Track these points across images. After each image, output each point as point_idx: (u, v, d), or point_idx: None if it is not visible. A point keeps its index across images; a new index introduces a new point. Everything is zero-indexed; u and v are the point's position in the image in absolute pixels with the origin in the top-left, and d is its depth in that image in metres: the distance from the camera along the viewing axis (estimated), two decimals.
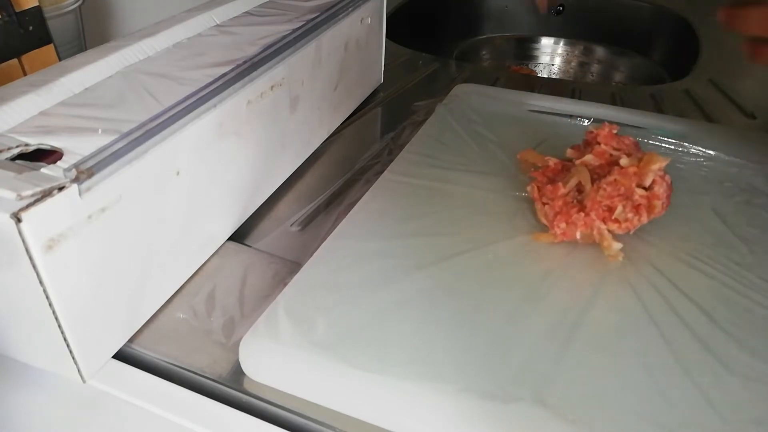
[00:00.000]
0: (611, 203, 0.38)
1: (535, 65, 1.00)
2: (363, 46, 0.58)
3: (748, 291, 0.36)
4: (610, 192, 0.38)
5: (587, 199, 0.39)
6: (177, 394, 0.31)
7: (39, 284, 0.27)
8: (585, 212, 0.38)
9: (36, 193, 0.26)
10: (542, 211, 0.41)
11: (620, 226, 0.38)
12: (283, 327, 0.32)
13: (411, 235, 0.40)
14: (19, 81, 0.35)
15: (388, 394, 0.29)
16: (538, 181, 0.43)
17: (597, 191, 0.38)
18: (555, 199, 0.40)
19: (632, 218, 0.38)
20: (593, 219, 0.38)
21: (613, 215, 0.38)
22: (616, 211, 0.38)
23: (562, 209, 0.39)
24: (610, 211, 0.38)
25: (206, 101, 0.35)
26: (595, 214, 0.38)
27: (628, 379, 0.30)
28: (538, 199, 0.41)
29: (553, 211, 0.40)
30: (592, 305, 0.35)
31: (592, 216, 0.38)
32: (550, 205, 0.40)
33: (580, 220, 0.39)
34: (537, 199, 0.42)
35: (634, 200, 0.38)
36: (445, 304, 0.34)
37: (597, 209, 0.38)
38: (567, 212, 0.39)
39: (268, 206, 0.46)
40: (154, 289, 0.35)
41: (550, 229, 0.40)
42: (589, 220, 0.38)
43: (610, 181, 0.38)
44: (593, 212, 0.38)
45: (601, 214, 0.38)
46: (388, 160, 0.49)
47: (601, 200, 0.38)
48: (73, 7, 0.64)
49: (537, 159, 0.46)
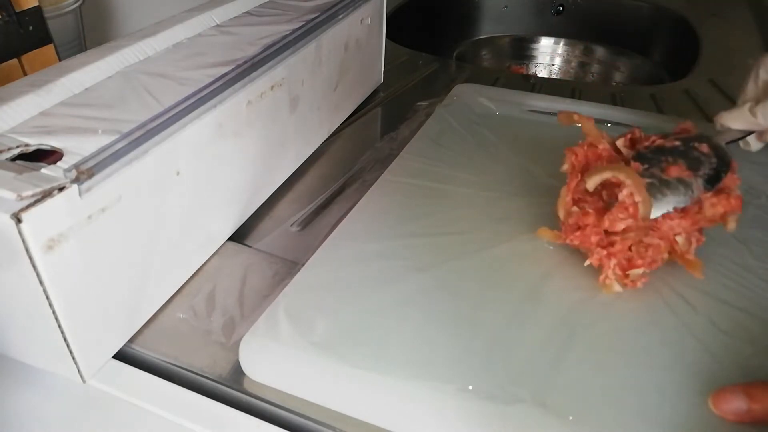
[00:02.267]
0: (636, 262, 0.35)
1: (535, 65, 1.00)
2: (363, 46, 0.58)
3: (748, 292, 0.36)
4: (641, 252, 0.35)
5: (619, 240, 0.35)
6: (177, 394, 0.31)
7: (39, 284, 0.27)
8: (608, 252, 0.35)
9: (36, 193, 0.26)
10: (564, 202, 0.38)
11: (626, 281, 0.35)
12: (283, 327, 0.32)
13: (411, 235, 0.40)
14: (19, 81, 0.35)
15: (388, 394, 0.29)
16: (576, 159, 0.38)
17: (632, 240, 0.35)
18: (585, 215, 0.36)
19: (638, 282, 0.35)
20: (610, 265, 0.35)
21: (628, 271, 0.35)
22: (633, 271, 0.35)
23: (586, 230, 0.36)
24: (629, 263, 0.35)
25: (206, 101, 0.35)
26: (617, 262, 0.35)
27: (628, 379, 0.30)
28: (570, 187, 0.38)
29: (576, 223, 0.37)
30: (593, 305, 0.35)
31: (611, 262, 0.35)
32: (577, 216, 0.37)
33: (598, 255, 0.35)
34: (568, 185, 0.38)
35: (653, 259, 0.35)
36: (445, 304, 0.34)
37: (620, 257, 0.35)
38: (587, 237, 0.36)
39: (268, 206, 0.46)
40: (154, 289, 0.35)
41: (562, 228, 0.38)
42: (606, 262, 0.35)
43: (651, 242, 0.35)
44: (614, 258, 0.35)
45: (622, 263, 0.35)
46: (388, 160, 0.49)
47: (630, 250, 0.35)
48: (73, 7, 0.64)
49: (591, 131, 0.39)
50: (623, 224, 0.35)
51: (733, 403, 0.28)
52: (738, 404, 0.28)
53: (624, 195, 0.35)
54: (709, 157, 0.37)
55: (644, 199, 0.35)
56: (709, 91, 0.66)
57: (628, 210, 0.35)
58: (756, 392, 0.28)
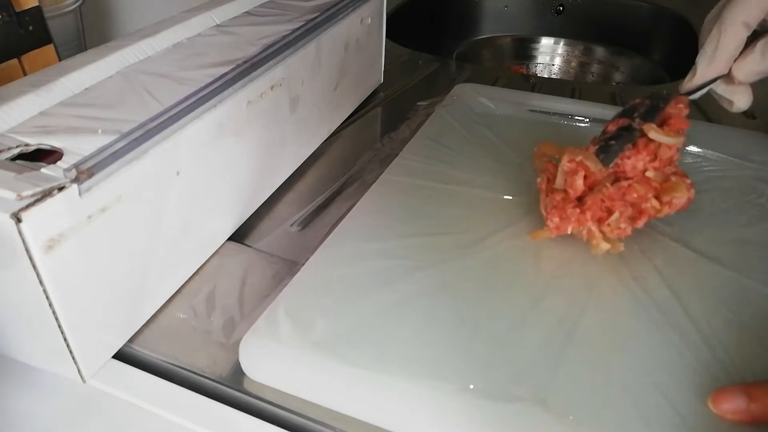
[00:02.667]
0: (611, 206, 0.37)
1: (535, 65, 1.00)
2: (363, 46, 0.58)
3: (748, 292, 0.36)
4: (612, 194, 0.37)
5: (588, 197, 0.38)
6: (177, 394, 0.31)
7: (39, 284, 0.27)
8: (581, 209, 0.38)
9: (36, 193, 0.26)
10: (543, 202, 0.40)
11: (611, 232, 0.37)
12: (283, 327, 0.32)
13: (411, 235, 0.40)
14: (19, 81, 0.35)
15: (388, 394, 0.29)
16: (549, 173, 0.41)
17: (600, 191, 0.37)
18: (554, 193, 0.39)
19: (625, 228, 0.37)
20: (587, 219, 0.37)
21: (607, 220, 0.37)
22: (611, 217, 0.37)
23: (559, 204, 0.38)
24: (608, 213, 0.37)
25: (206, 101, 0.35)
26: (591, 214, 0.37)
27: (628, 379, 0.30)
28: (544, 190, 0.40)
29: (551, 204, 0.39)
30: (593, 305, 0.35)
31: (587, 216, 0.37)
32: (549, 198, 0.39)
33: (573, 216, 0.37)
34: (543, 191, 0.41)
35: (642, 208, 0.37)
36: (445, 303, 0.34)
37: (594, 209, 0.37)
38: (563, 207, 0.38)
39: (268, 206, 0.46)
40: (154, 289, 0.35)
41: (545, 221, 0.39)
42: (582, 218, 0.37)
43: (622, 185, 0.37)
44: (589, 212, 0.37)
45: (597, 214, 0.37)
46: (388, 160, 0.49)
47: (603, 201, 0.37)
48: (73, 7, 0.64)
49: (555, 151, 0.43)
50: (580, 180, 0.38)
51: (733, 403, 0.28)
52: (737, 403, 0.28)
53: (564, 161, 0.38)
54: (643, 103, 0.40)
55: (585, 155, 0.38)
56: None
57: (576, 172, 0.38)
58: (756, 392, 0.28)
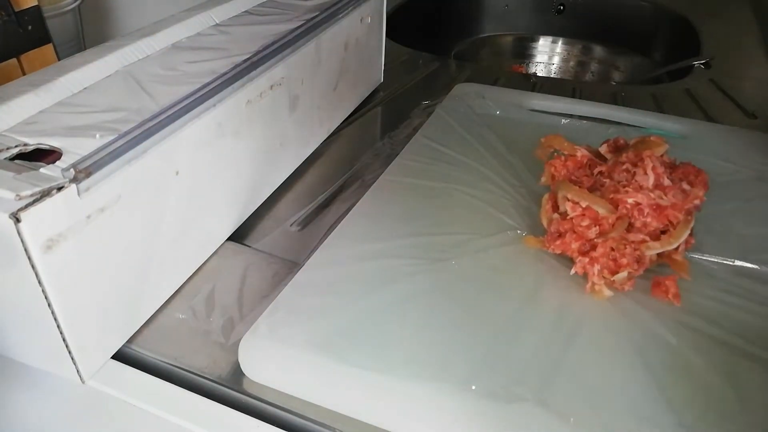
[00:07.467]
0: (621, 262, 0.35)
1: (534, 64, 1.00)
2: (363, 45, 0.57)
3: (748, 293, 0.36)
4: (623, 251, 0.35)
5: (599, 245, 0.35)
6: (176, 395, 0.31)
7: (38, 284, 0.27)
8: (590, 258, 0.35)
9: (35, 193, 0.26)
10: (546, 215, 0.39)
11: (618, 285, 0.35)
12: (283, 327, 0.32)
13: (410, 235, 0.40)
14: (18, 80, 0.35)
15: (387, 394, 0.29)
16: (556, 171, 0.39)
17: (612, 239, 0.35)
18: (564, 220, 0.37)
19: (630, 282, 0.35)
20: (594, 273, 0.35)
21: (614, 276, 0.35)
22: (619, 275, 0.35)
23: (565, 233, 0.37)
24: (615, 263, 0.35)
25: (205, 101, 0.35)
26: (599, 266, 0.35)
27: (628, 379, 0.30)
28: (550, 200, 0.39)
29: (556, 229, 0.37)
30: (593, 305, 0.35)
31: (594, 269, 0.35)
32: (554, 222, 0.37)
33: (581, 264, 0.35)
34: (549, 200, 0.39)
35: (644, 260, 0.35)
36: (445, 304, 0.34)
37: (603, 261, 0.35)
38: (567, 244, 0.36)
39: (267, 206, 0.46)
40: (153, 290, 0.35)
41: (546, 235, 0.38)
42: (590, 267, 0.35)
43: (633, 240, 0.35)
44: (597, 264, 0.35)
45: (606, 264, 0.35)
46: (388, 160, 0.49)
47: (612, 250, 0.35)
48: (72, 7, 0.64)
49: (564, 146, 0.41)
50: (593, 231, 0.36)
51: None
52: None
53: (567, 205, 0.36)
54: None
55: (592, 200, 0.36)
56: (709, 90, 0.66)
57: (583, 217, 0.36)
58: None
